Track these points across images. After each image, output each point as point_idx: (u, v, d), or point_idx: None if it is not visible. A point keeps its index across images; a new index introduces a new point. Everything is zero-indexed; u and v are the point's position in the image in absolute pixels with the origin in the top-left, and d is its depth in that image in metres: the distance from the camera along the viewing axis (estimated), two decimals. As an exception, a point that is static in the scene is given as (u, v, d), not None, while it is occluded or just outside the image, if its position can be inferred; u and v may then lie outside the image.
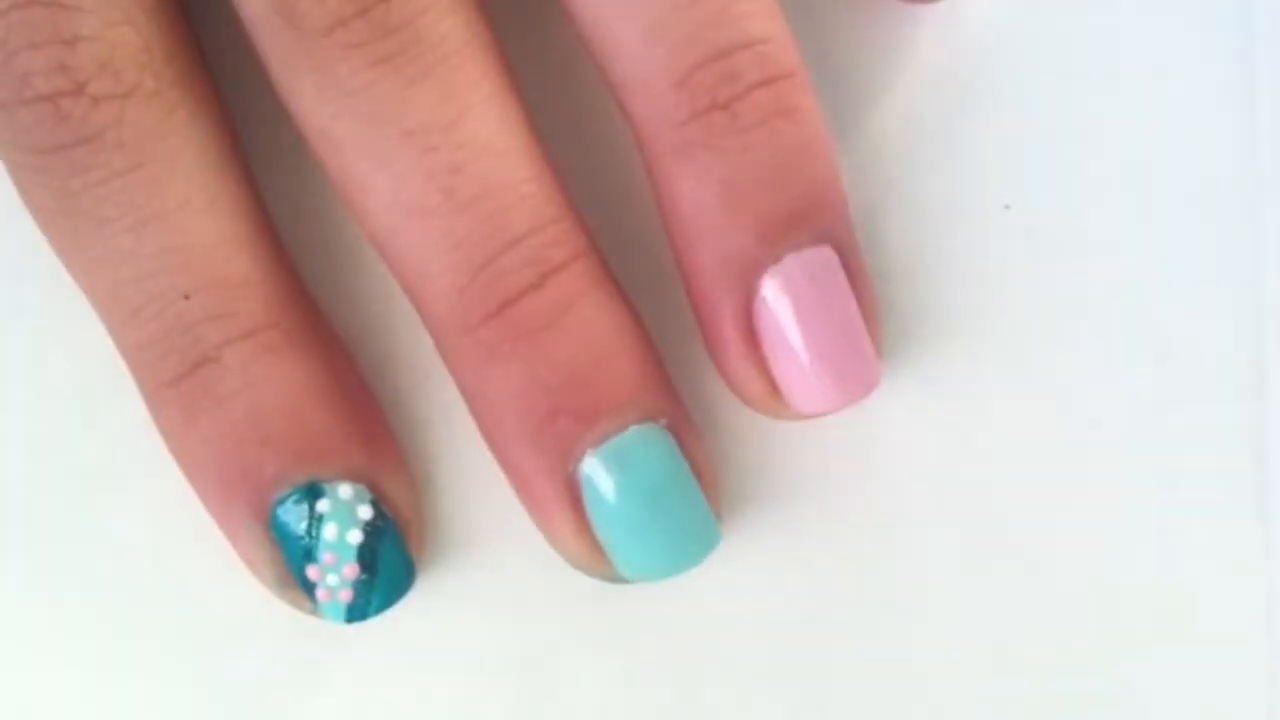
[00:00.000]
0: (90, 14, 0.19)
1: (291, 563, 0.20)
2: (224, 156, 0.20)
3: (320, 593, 0.20)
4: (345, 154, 0.19)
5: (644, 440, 0.20)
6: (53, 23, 0.18)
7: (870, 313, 0.20)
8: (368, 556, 0.20)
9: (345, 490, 0.20)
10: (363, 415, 0.21)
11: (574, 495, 0.20)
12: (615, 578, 0.21)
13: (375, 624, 0.21)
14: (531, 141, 0.20)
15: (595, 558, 0.20)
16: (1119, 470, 0.22)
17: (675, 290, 0.21)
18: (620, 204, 0.22)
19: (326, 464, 0.20)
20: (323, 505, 0.20)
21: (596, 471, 0.20)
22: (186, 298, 0.19)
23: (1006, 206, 0.22)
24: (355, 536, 0.20)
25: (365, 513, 0.20)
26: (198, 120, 0.20)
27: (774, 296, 0.20)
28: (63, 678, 0.22)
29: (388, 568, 0.20)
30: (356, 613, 0.20)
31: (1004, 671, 0.22)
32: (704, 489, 0.20)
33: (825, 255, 0.20)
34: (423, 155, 0.19)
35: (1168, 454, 0.22)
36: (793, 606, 0.22)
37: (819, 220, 0.20)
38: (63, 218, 0.19)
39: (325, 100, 0.19)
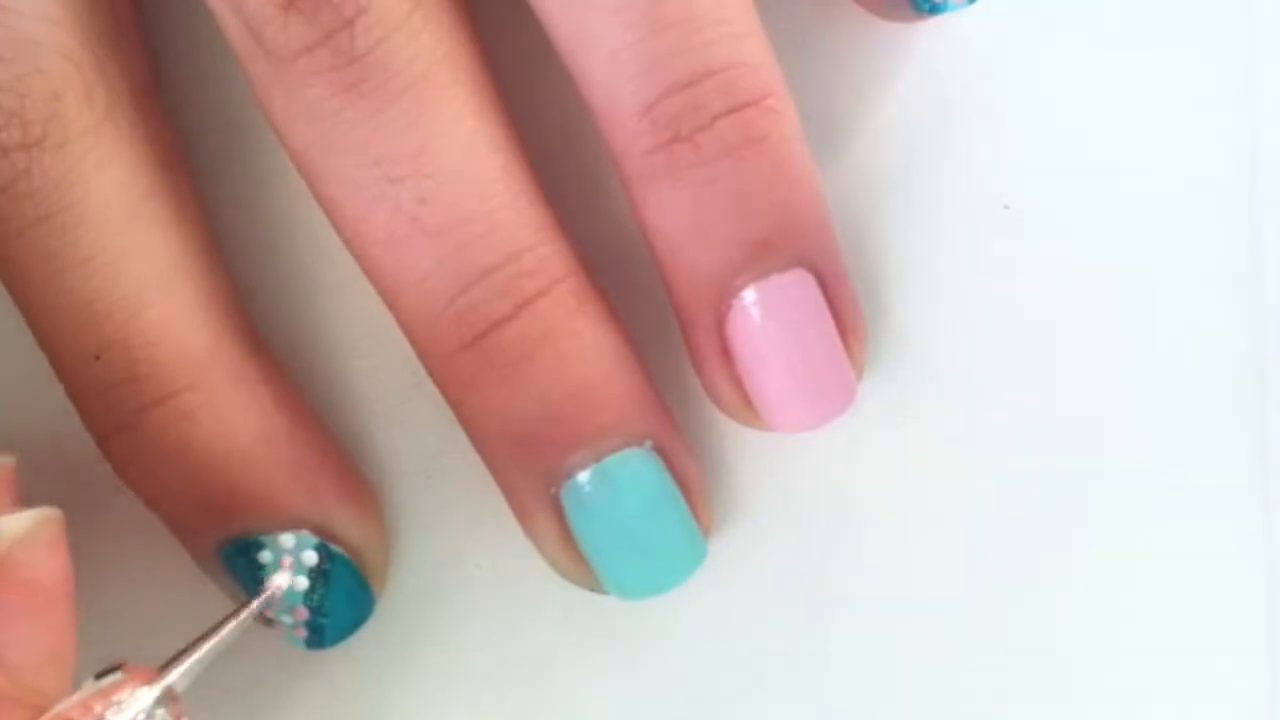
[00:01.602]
0: (2, 63, 0.19)
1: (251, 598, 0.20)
2: (138, 201, 0.20)
3: (278, 629, 0.21)
4: (318, 177, 0.19)
5: (624, 466, 0.20)
6: None
7: (853, 334, 0.20)
8: (315, 599, 0.20)
9: (286, 540, 0.20)
10: (306, 456, 0.21)
11: (558, 514, 0.20)
12: (602, 590, 0.21)
13: (373, 626, 0.21)
14: (508, 162, 0.20)
15: (580, 572, 0.21)
16: (1119, 470, 0.22)
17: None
18: (623, 213, 0.21)
19: (265, 517, 0.20)
20: (264, 557, 0.20)
21: (577, 495, 0.20)
22: (97, 358, 0.19)
23: (1006, 206, 0.22)
24: (301, 583, 0.20)
25: (310, 559, 0.20)
26: (109, 166, 0.19)
27: (742, 321, 0.20)
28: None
29: (338, 604, 0.21)
30: (314, 644, 0.21)
31: (1001, 675, 0.22)
32: (693, 508, 0.21)
33: (797, 279, 0.20)
34: (389, 185, 0.19)
35: (1168, 454, 0.22)
36: (795, 613, 0.22)
37: (791, 245, 0.20)
38: None
39: (296, 125, 0.19)
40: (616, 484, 0.20)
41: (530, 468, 0.20)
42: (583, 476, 0.20)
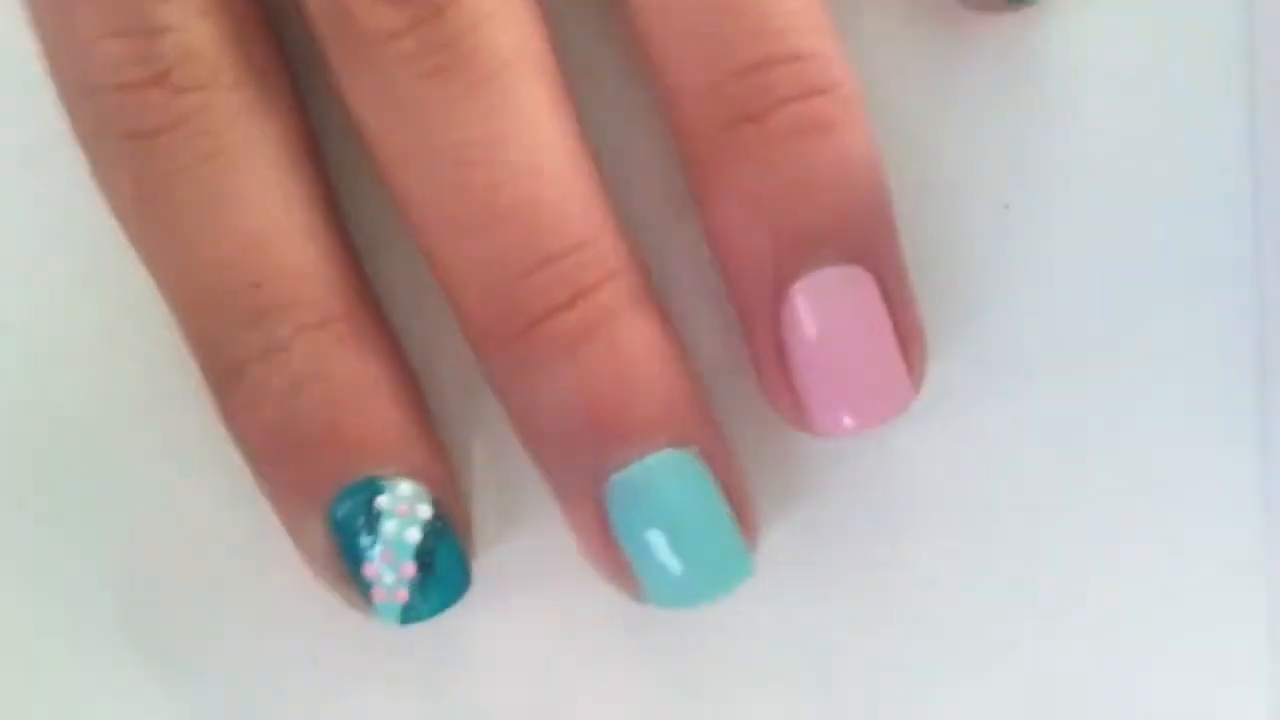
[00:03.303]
0: (174, 5, 0.19)
1: (349, 559, 0.20)
2: (298, 149, 0.20)
3: (376, 592, 0.20)
4: (392, 161, 0.20)
5: (668, 466, 0.20)
6: (139, 12, 0.19)
7: (911, 340, 0.20)
8: (425, 556, 0.20)
9: (405, 488, 0.20)
10: (421, 415, 0.21)
11: (600, 511, 0.20)
12: (640, 596, 0.20)
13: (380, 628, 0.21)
14: (577, 159, 0.20)
15: (622, 577, 0.20)
16: (1119, 471, 0.22)
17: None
18: (677, 215, 0.22)
19: (389, 460, 0.20)
20: (382, 502, 0.20)
21: (620, 495, 0.20)
22: (258, 285, 0.20)
23: (1006, 206, 0.22)
24: (413, 535, 0.20)
25: (424, 511, 0.20)
26: (274, 113, 0.20)
27: (794, 312, 0.20)
28: (88, 676, 0.22)
29: (444, 569, 0.20)
30: (411, 613, 0.20)
31: (1003, 675, 0.22)
32: (739, 519, 0.20)
33: (852, 275, 0.20)
34: (463, 171, 0.19)
35: (1168, 454, 0.22)
36: (826, 625, 0.22)
37: (850, 239, 0.20)
38: (141, 204, 0.20)
39: (376, 107, 0.19)
40: (659, 485, 0.19)
41: (574, 462, 0.20)
42: (625, 474, 0.19)
